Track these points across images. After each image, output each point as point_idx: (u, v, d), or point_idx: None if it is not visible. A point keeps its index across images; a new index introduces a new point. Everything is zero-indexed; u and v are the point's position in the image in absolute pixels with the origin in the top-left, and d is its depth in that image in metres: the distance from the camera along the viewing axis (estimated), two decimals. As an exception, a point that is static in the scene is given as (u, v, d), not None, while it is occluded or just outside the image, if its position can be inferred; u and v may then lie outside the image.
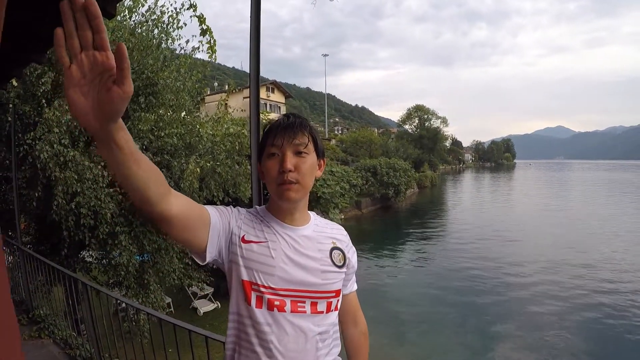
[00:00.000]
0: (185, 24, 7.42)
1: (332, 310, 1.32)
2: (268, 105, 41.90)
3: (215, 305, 12.15)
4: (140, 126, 7.24)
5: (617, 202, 42.59)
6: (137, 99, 7.51)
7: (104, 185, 6.71)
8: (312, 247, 1.33)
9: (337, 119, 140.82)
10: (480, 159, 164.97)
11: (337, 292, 1.34)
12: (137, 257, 7.61)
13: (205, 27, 3.29)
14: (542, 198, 48.28)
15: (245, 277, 1.24)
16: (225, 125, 9.25)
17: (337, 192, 15.57)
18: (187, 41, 7.24)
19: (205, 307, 12.15)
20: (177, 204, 1.06)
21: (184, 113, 8.16)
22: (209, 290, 12.16)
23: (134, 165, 0.90)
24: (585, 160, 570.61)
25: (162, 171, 5.20)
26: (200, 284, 10.01)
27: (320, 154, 1.36)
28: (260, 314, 1.22)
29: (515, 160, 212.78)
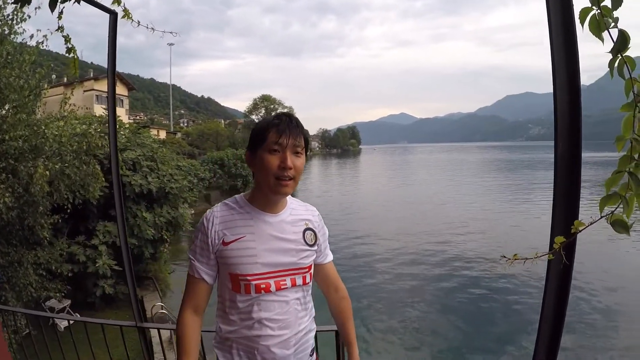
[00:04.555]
0: (30, 16, 6.90)
1: (307, 282, 1.59)
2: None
3: (75, 316, 11.36)
4: (-19, 130, 6.63)
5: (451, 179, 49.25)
6: (-24, 101, 6.86)
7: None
8: (289, 230, 1.57)
9: (182, 111, 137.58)
10: (327, 146, 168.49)
11: (309, 267, 1.61)
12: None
13: (70, 46, 3.26)
14: (383, 179, 53.07)
15: (231, 270, 1.49)
16: (72, 125, 8.77)
17: (186, 187, 15.21)
18: (32, 36, 6.74)
19: (65, 321, 11.29)
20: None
21: (25, 114, 7.55)
22: (67, 302, 11.35)
23: None
24: (427, 144, 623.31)
25: (9, 177, 4.98)
26: (57, 296, 9.40)
27: (307, 153, 1.56)
28: (248, 298, 1.49)
29: (360, 146, 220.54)
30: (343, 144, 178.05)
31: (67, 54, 3.58)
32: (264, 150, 1.48)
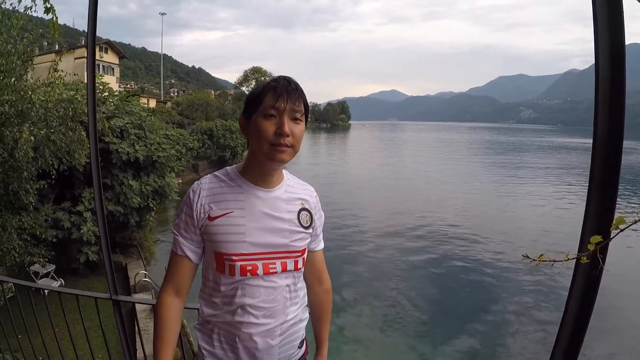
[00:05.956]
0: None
1: (299, 268, 1.46)
2: (101, 67, 38.84)
3: (59, 282, 11.44)
4: (-33, 95, 6.56)
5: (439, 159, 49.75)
6: (-37, 65, 6.76)
7: None
8: (282, 208, 1.42)
9: (173, 81, 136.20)
10: (316, 120, 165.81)
11: (303, 251, 1.46)
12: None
13: (49, 6, 3.18)
14: (372, 158, 53.66)
15: (217, 249, 1.36)
16: (58, 91, 8.68)
17: (173, 156, 15.05)
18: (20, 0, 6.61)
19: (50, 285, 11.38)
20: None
21: (14, 79, 7.43)
22: (51, 267, 11.40)
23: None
24: (417, 122, 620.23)
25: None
26: (41, 261, 9.45)
27: (307, 120, 1.41)
28: (232, 281, 1.36)
29: (350, 121, 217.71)
30: (333, 118, 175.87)
31: (45, 14, 3.50)
32: (259, 115, 1.33)
